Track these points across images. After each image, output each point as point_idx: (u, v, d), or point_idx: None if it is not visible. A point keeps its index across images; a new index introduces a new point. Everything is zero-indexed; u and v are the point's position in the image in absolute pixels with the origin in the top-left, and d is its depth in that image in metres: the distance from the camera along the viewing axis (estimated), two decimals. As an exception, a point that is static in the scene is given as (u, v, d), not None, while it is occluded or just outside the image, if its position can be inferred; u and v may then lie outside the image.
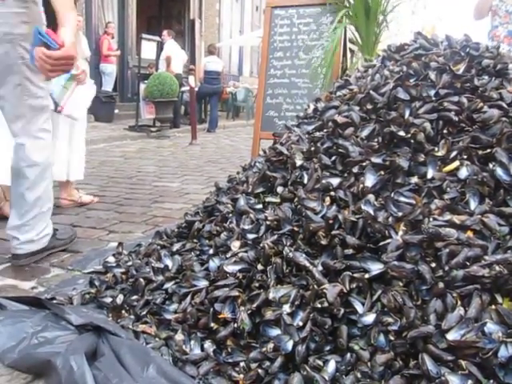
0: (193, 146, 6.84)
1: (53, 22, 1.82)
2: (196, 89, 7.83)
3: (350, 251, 1.29)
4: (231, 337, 1.29)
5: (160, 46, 8.95)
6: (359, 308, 1.20)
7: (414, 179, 1.40)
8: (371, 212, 1.32)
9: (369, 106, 1.63)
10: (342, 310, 1.19)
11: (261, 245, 1.42)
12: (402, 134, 1.47)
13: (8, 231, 2.06)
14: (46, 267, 2.06)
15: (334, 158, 1.55)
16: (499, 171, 1.33)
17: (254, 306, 1.29)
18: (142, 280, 1.60)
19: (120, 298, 1.57)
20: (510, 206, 1.29)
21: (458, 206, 1.29)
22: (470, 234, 1.22)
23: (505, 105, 1.46)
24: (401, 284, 1.19)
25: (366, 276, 1.22)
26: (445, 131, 1.48)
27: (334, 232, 1.33)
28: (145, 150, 6.16)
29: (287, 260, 1.34)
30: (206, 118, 10.30)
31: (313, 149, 1.61)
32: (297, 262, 1.32)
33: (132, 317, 1.49)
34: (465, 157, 1.40)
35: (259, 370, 1.18)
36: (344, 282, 1.23)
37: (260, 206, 1.62)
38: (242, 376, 1.19)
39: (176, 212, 2.98)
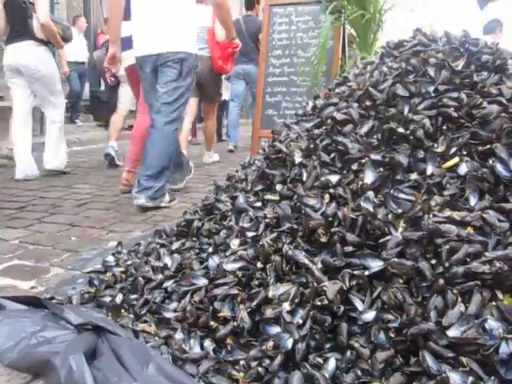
0: (192, 144, 6.81)
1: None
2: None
3: (349, 248, 1.29)
4: (231, 335, 1.29)
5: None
6: (359, 305, 1.20)
7: (414, 176, 1.39)
8: (371, 209, 1.31)
9: (368, 103, 1.62)
10: (342, 308, 1.19)
11: (260, 243, 1.41)
12: (401, 130, 1.47)
13: None
14: (46, 267, 2.06)
15: (333, 155, 1.55)
16: (499, 167, 1.32)
17: (254, 304, 1.29)
18: (141, 279, 1.59)
19: (119, 298, 1.57)
20: (510, 201, 1.28)
21: (457, 203, 1.29)
22: (470, 230, 1.21)
23: (504, 100, 1.46)
24: (401, 281, 1.18)
25: (366, 273, 1.22)
26: (444, 127, 1.47)
27: (333, 229, 1.32)
28: (144, 149, 6.13)
29: (287, 258, 1.34)
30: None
31: (312, 146, 1.60)
32: (296, 260, 1.31)
33: (131, 316, 1.48)
34: (464, 153, 1.39)
35: (259, 368, 1.17)
36: (344, 279, 1.22)
37: (259, 204, 1.62)
38: (241, 374, 1.19)
39: (175, 211, 2.97)
